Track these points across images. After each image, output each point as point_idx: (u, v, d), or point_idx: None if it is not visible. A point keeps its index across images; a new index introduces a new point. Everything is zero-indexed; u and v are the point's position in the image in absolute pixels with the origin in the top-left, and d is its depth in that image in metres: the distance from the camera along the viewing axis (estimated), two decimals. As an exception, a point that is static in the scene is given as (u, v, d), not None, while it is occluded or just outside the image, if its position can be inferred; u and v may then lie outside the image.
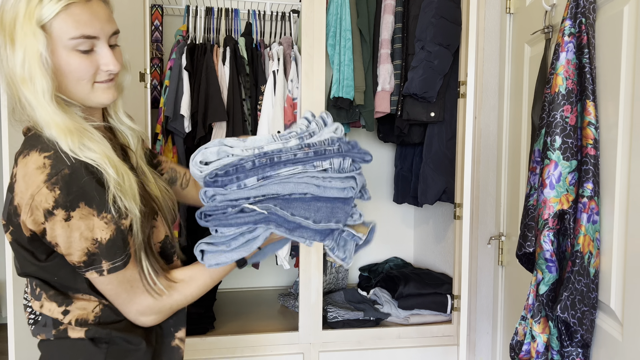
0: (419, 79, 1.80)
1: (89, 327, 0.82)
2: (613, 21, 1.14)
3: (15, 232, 0.78)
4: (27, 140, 0.79)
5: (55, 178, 0.72)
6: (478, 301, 1.92)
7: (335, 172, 0.87)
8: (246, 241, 0.85)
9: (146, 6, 1.67)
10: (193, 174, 0.84)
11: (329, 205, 0.87)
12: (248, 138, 0.86)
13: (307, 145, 0.85)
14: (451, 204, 2.00)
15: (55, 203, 0.72)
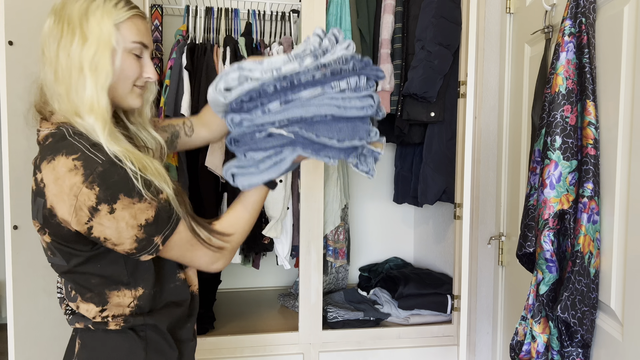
0: (419, 79, 1.80)
1: (126, 319, 0.90)
2: (613, 21, 1.14)
3: (54, 232, 0.83)
4: (47, 147, 0.83)
5: (91, 177, 0.77)
6: (478, 301, 1.92)
7: (351, 91, 0.90)
8: (274, 163, 0.89)
9: (146, 6, 1.67)
10: (215, 101, 0.87)
11: (349, 125, 0.91)
12: (264, 59, 0.88)
13: (324, 66, 0.87)
14: (451, 204, 2.00)
15: (97, 199, 0.77)
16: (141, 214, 0.81)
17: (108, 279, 0.88)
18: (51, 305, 1.31)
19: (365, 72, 0.92)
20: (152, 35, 2.02)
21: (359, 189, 2.54)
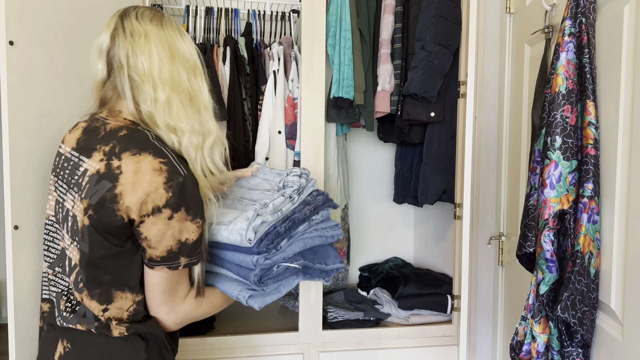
0: (419, 79, 1.80)
1: (128, 324, 0.92)
2: (613, 21, 1.14)
3: (101, 217, 0.87)
4: (125, 139, 0.89)
5: (171, 183, 0.86)
6: (478, 301, 1.92)
7: (322, 222, 1.15)
8: (277, 287, 1.08)
9: (146, 6, 1.67)
10: (242, 243, 1.01)
11: (330, 250, 1.16)
12: (257, 184, 1.18)
13: (308, 203, 1.11)
14: (451, 204, 2.00)
15: (166, 203, 0.86)
16: (186, 233, 0.89)
17: (119, 278, 0.91)
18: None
19: (329, 205, 1.17)
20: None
21: (359, 189, 2.54)
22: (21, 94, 1.21)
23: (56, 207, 0.99)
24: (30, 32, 1.23)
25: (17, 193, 1.20)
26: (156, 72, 0.92)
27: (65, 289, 0.96)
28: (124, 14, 0.99)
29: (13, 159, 1.19)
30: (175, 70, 0.94)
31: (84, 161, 0.91)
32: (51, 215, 1.01)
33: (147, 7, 1.01)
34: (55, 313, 0.97)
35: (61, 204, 0.96)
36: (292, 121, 1.89)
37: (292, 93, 1.90)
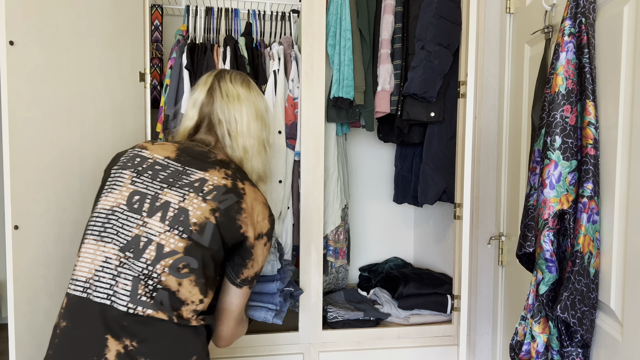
0: (419, 79, 1.80)
1: (204, 317, 1.05)
2: (613, 21, 1.14)
3: (224, 221, 1.04)
4: (239, 172, 1.14)
5: (271, 217, 1.14)
6: (478, 301, 1.92)
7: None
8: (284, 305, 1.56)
9: (146, 6, 1.67)
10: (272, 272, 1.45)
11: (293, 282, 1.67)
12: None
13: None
14: (451, 204, 2.00)
15: (266, 232, 1.12)
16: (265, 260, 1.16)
17: (214, 278, 1.07)
18: (52, 305, 1.31)
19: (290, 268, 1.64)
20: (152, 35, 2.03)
21: (359, 189, 2.54)
22: (21, 94, 1.21)
23: (133, 197, 1.05)
24: (30, 32, 1.23)
25: (17, 193, 1.20)
26: (246, 129, 1.18)
27: (141, 273, 0.99)
28: (220, 76, 1.22)
29: (13, 159, 1.19)
30: (258, 127, 1.20)
31: (196, 172, 1.08)
32: (122, 204, 1.05)
33: (238, 72, 1.26)
34: (122, 300, 0.97)
35: (151, 196, 1.05)
36: (293, 121, 1.89)
37: (292, 93, 1.90)
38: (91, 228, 1.05)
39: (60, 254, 1.33)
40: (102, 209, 1.06)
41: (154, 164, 1.10)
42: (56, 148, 1.31)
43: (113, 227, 1.03)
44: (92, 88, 1.43)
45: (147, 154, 1.12)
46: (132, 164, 1.10)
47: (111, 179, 1.10)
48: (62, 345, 0.98)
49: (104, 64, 1.47)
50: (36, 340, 1.26)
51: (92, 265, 1.01)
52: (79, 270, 1.02)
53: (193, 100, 1.21)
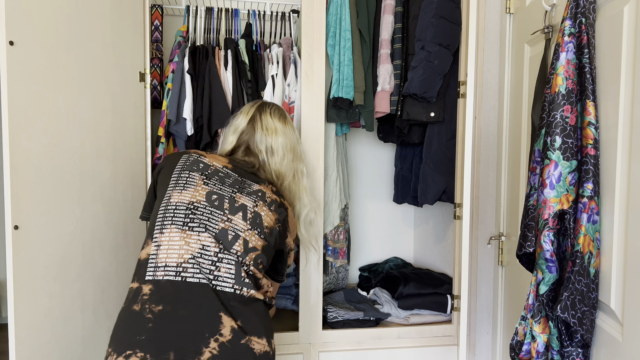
0: (419, 79, 1.80)
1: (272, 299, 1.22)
2: (613, 21, 1.14)
3: (283, 229, 1.26)
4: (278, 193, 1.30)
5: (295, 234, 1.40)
6: (478, 301, 1.92)
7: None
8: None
9: (146, 6, 1.67)
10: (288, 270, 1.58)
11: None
12: None
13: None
14: (451, 204, 2.00)
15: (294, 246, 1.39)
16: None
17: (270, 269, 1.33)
18: (52, 305, 1.31)
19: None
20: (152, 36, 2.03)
21: (359, 189, 2.54)
22: (21, 94, 1.21)
23: (211, 196, 1.17)
24: (30, 32, 1.23)
25: (17, 193, 1.20)
26: (279, 159, 1.34)
27: (238, 260, 1.12)
28: (261, 108, 1.38)
29: (13, 159, 1.19)
30: (290, 157, 1.36)
31: (253, 184, 1.25)
32: (201, 200, 1.16)
33: (277, 107, 1.42)
34: (227, 282, 1.09)
35: (228, 197, 1.18)
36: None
37: (287, 98, 1.89)
38: (171, 219, 1.12)
39: (61, 254, 1.33)
40: (179, 202, 1.14)
41: (217, 171, 1.22)
42: (56, 148, 1.31)
43: (199, 219, 1.13)
44: (92, 88, 1.43)
45: (207, 161, 1.24)
46: (197, 168, 1.21)
47: (178, 178, 1.19)
48: (160, 329, 1.01)
49: (104, 64, 1.47)
50: (36, 340, 1.26)
51: (183, 251, 1.08)
52: (167, 257, 1.07)
53: (234, 126, 1.36)
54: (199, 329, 1.01)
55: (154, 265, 1.07)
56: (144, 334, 1.00)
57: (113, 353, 1.00)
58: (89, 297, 1.43)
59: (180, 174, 1.19)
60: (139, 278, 1.08)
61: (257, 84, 1.98)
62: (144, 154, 1.67)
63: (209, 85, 1.89)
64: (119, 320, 1.06)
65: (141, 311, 1.02)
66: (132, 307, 1.04)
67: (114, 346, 1.02)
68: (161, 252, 1.08)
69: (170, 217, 1.12)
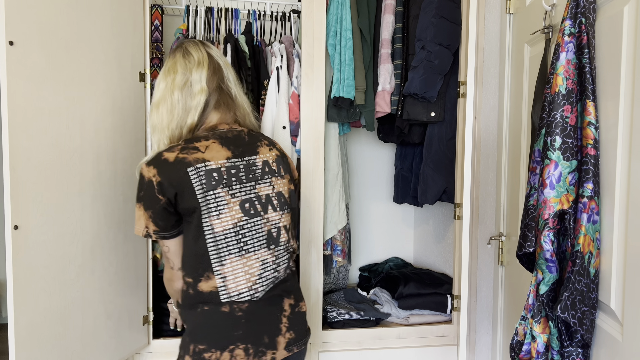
0: (419, 78, 1.80)
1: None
2: (613, 21, 1.14)
3: (292, 178, 1.32)
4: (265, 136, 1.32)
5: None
6: (478, 301, 1.92)
7: None
8: None
9: (146, 6, 1.67)
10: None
11: None
12: None
13: None
14: (451, 204, 2.00)
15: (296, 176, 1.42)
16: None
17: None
18: (51, 305, 1.31)
19: None
20: (152, 35, 2.03)
21: (359, 189, 2.54)
22: (21, 94, 1.21)
23: (244, 206, 1.18)
24: (30, 32, 1.23)
25: (17, 193, 1.20)
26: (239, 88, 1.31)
27: (287, 248, 1.27)
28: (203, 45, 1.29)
29: (13, 159, 1.19)
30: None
31: (255, 158, 1.23)
32: (241, 218, 1.17)
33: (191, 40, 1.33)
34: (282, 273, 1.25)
35: (255, 197, 1.21)
36: (298, 119, 1.88)
37: (297, 90, 1.88)
38: (226, 249, 1.16)
39: (60, 254, 1.33)
40: (225, 230, 1.15)
41: (227, 170, 1.18)
42: (56, 148, 1.31)
43: (249, 236, 1.18)
44: (92, 88, 1.43)
45: (213, 164, 1.16)
46: (216, 181, 1.16)
47: (207, 203, 1.14)
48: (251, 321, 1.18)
49: (104, 64, 1.47)
50: (36, 340, 1.26)
51: (249, 275, 1.17)
52: (237, 286, 1.16)
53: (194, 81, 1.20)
54: (273, 312, 1.21)
55: (227, 295, 1.16)
56: (240, 329, 1.15)
57: (214, 350, 1.12)
58: (89, 297, 1.43)
59: (205, 198, 1.14)
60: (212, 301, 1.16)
61: (257, 73, 1.97)
62: (144, 153, 1.67)
63: None
64: (208, 321, 1.15)
65: (231, 311, 1.15)
66: (221, 309, 1.15)
67: (211, 344, 1.13)
68: (229, 284, 1.16)
69: (224, 247, 1.16)
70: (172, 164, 1.14)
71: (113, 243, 1.52)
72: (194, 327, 1.15)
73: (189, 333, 1.16)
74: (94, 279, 1.45)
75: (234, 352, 1.13)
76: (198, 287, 1.15)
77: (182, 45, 1.24)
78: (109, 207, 1.50)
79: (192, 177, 1.14)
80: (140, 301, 1.67)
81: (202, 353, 1.12)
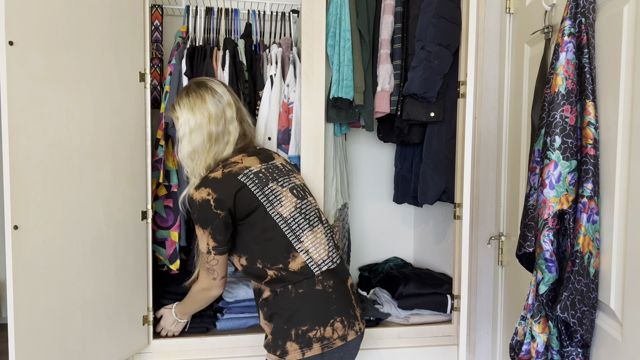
0: (419, 79, 1.80)
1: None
2: (613, 21, 1.14)
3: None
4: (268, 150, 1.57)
5: None
6: (478, 301, 1.92)
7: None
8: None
9: (146, 6, 1.67)
10: None
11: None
12: None
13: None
14: (451, 204, 2.00)
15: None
16: None
17: None
18: (51, 305, 1.31)
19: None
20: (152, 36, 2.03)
21: (359, 189, 2.54)
22: (21, 94, 1.21)
23: (293, 191, 1.42)
24: (30, 32, 1.23)
25: (17, 193, 1.20)
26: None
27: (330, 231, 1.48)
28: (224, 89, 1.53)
29: (13, 159, 1.19)
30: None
31: (274, 162, 1.48)
32: (296, 202, 1.41)
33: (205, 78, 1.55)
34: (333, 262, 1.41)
35: (295, 185, 1.45)
36: (286, 127, 1.88)
37: (287, 98, 1.89)
38: (298, 226, 1.38)
39: (60, 254, 1.33)
40: (290, 213, 1.38)
41: (266, 170, 1.42)
42: (56, 148, 1.31)
43: (309, 215, 1.42)
44: (92, 88, 1.43)
45: (254, 169, 1.40)
46: (265, 178, 1.40)
47: (266, 197, 1.37)
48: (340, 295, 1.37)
49: (104, 64, 1.47)
50: (36, 340, 1.27)
51: (323, 244, 1.40)
52: (318, 255, 1.38)
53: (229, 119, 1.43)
54: (348, 289, 1.42)
55: (315, 264, 1.36)
56: (334, 304, 1.34)
57: (318, 327, 1.30)
58: (89, 297, 1.43)
59: (264, 193, 1.37)
60: (306, 275, 1.34)
61: (254, 85, 1.97)
62: (144, 154, 1.67)
63: None
64: (306, 303, 1.32)
65: (324, 289, 1.34)
66: (315, 288, 1.33)
67: (314, 322, 1.31)
68: (313, 254, 1.37)
69: (297, 227, 1.38)
70: (221, 179, 1.35)
71: (113, 243, 1.52)
72: (292, 314, 1.32)
73: (285, 321, 1.32)
74: (94, 279, 1.45)
75: (334, 326, 1.32)
76: (289, 268, 1.34)
77: (205, 84, 1.44)
78: (109, 207, 1.50)
79: (244, 181, 1.35)
80: (140, 301, 1.67)
81: (306, 333, 1.30)
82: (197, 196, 1.34)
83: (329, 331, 1.31)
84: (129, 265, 1.60)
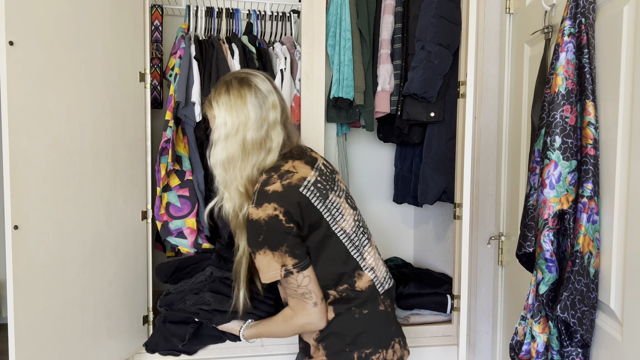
0: (419, 79, 1.80)
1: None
2: (613, 21, 1.14)
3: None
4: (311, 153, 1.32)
5: None
6: (478, 301, 1.92)
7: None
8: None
9: (146, 6, 1.67)
10: None
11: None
12: None
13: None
14: (451, 204, 2.00)
15: None
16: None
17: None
18: (51, 305, 1.31)
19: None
20: (152, 35, 2.03)
21: (359, 189, 2.54)
22: (21, 94, 1.21)
23: (348, 201, 1.29)
24: (30, 32, 1.23)
25: (17, 193, 1.20)
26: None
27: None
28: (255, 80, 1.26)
29: (13, 159, 1.19)
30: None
31: (317, 163, 1.27)
32: (353, 212, 1.28)
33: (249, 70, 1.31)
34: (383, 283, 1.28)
35: (346, 193, 1.30)
36: (300, 122, 1.88)
37: (299, 92, 1.88)
38: (360, 243, 1.25)
39: (60, 254, 1.33)
40: (352, 228, 1.24)
41: (321, 178, 1.23)
42: (56, 148, 1.31)
43: (365, 229, 1.31)
44: (92, 88, 1.43)
45: (310, 178, 1.20)
46: (325, 189, 1.21)
47: (331, 210, 1.21)
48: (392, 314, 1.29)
49: (104, 64, 1.47)
50: (36, 340, 1.27)
51: (380, 260, 1.33)
52: (380, 273, 1.28)
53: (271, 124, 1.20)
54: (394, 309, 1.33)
55: (379, 283, 1.26)
56: (393, 324, 1.27)
57: (381, 350, 1.21)
58: (89, 297, 1.43)
59: (327, 207, 1.19)
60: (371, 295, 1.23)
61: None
62: (144, 153, 1.67)
63: (217, 70, 1.86)
64: (370, 324, 1.22)
65: (385, 309, 1.25)
66: (379, 308, 1.24)
67: (377, 345, 1.21)
68: (377, 272, 1.27)
69: (359, 242, 1.25)
70: (283, 192, 1.13)
71: (113, 243, 1.52)
72: (356, 336, 1.20)
73: (348, 343, 1.20)
74: (94, 279, 1.45)
75: (394, 347, 1.24)
76: (356, 287, 1.21)
77: (249, 81, 1.20)
78: (109, 207, 1.50)
79: (307, 195, 1.16)
80: (140, 301, 1.67)
81: (369, 356, 1.20)
82: (260, 215, 1.11)
83: (390, 354, 1.23)
84: (129, 265, 1.60)
